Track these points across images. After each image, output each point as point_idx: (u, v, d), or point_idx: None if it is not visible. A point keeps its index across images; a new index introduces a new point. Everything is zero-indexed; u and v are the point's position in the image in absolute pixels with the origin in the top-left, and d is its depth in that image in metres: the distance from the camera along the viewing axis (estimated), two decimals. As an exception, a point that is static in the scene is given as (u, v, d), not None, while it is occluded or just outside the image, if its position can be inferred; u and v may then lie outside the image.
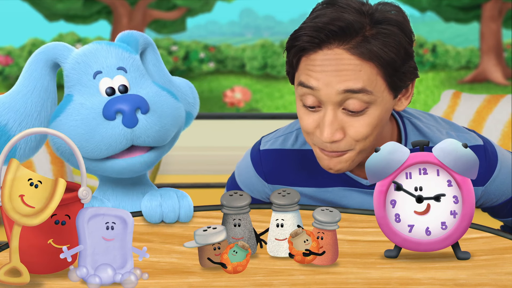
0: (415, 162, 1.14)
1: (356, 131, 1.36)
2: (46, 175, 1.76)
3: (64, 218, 1.07)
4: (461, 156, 1.13)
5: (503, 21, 9.76)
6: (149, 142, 1.30)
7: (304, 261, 1.13)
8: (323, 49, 1.33)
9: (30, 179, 1.04)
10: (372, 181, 1.15)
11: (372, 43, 1.32)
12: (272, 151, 1.56)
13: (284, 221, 1.17)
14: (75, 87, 1.33)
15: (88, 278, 1.04)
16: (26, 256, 1.05)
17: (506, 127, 2.58)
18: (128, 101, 1.27)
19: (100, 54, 1.33)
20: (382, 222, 1.15)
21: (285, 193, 1.18)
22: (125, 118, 1.26)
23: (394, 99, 1.39)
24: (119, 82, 1.31)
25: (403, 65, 1.34)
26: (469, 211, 1.14)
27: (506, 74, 9.70)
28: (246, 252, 1.11)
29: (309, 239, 1.13)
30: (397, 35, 1.33)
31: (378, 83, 1.34)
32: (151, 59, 1.42)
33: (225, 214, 1.20)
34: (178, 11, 9.67)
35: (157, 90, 1.34)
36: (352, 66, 1.32)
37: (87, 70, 1.32)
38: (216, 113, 5.18)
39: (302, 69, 1.37)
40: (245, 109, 8.85)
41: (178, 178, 3.29)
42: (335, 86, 1.32)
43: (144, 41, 1.40)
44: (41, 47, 1.34)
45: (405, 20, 1.36)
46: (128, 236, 1.08)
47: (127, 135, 1.27)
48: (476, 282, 1.07)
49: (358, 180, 1.48)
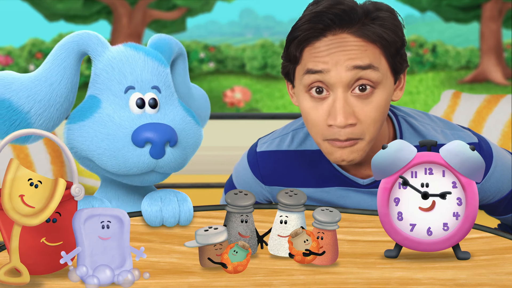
0: (421, 162, 1.14)
1: (366, 115, 1.37)
2: (46, 175, 1.76)
3: (55, 216, 1.07)
4: (468, 158, 1.13)
5: (503, 21, 9.76)
6: (169, 171, 1.31)
7: (304, 261, 1.13)
8: (327, 35, 1.35)
9: (30, 179, 1.04)
10: (378, 178, 1.15)
11: (375, 26, 1.35)
12: (268, 152, 1.56)
13: (288, 218, 1.17)
14: (104, 92, 1.30)
15: (87, 279, 1.04)
16: (23, 257, 1.05)
17: (506, 127, 2.58)
18: (159, 132, 1.25)
19: (136, 65, 1.30)
20: (385, 219, 1.15)
21: (292, 193, 1.18)
22: (154, 150, 1.25)
23: (394, 84, 1.42)
24: (150, 97, 1.29)
25: (402, 47, 1.39)
26: (472, 213, 1.14)
27: (506, 74, 9.70)
28: (247, 252, 1.11)
29: (309, 239, 1.13)
30: (393, 18, 1.38)
31: (382, 62, 1.37)
32: (179, 70, 1.41)
33: (230, 212, 1.20)
34: (178, 11, 9.67)
35: (183, 115, 1.33)
36: (357, 46, 1.35)
37: (121, 80, 1.29)
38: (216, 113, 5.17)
39: (306, 58, 1.37)
40: (245, 109, 8.86)
41: (178, 178, 3.28)
42: (344, 63, 1.34)
43: (178, 51, 1.39)
44: (74, 35, 1.29)
45: (394, 11, 1.41)
46: (125, 235, 1.07)
47: (151, 164, 1.27)
48: (476, 282, 1.07)
49: (355, 180, 1.48)
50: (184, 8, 9.49)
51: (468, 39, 10.51)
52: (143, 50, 1.32)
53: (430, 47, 10.46)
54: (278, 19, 11.92)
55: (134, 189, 1.38)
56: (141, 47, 1.33)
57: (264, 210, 1.37)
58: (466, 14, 10.00)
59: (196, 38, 10.16)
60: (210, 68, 9.87)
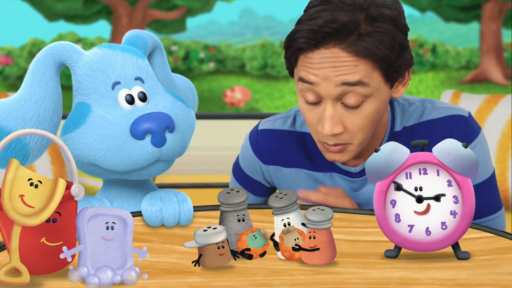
0: (415, 162, 1.14)
1: (354, 124, 1.40)
2: (46, 175, 1.76)
3: (55, 216, 1.07)
4: (461, 156, 1.13)
5: (503, 21, 9.76)
6: (173, 157, 1.32)
7: (292, 258, 1.13)
8: (320, 48, 1.37)
9: (30, 179, 1.04)
10: (372, 181, 1.15)
11: (367, 41, 1.35)
12: (269, 131, 1.60)
13: (290, 219, 1.17)
14: (91, 96, 1.29)
15: (87, 278, 1.04)
16: (23, 257, 1.05)
17: (506, 127, 2.58)
18: (157, 120, 1.26)
19: (116, 63, 1.30)
20: (382, 222, 1.15)
21: (282, 195, 1.18)
22: (155, 139, 1.26)
23: (390, 89, 1.43)
24: (138, 90, 1.30)
25: (398, 59, 1.38)
26: (469, 211, 1.14)
27: (506, 74, 9.70)
28: (265, 242, 1.12)
29: (300, 238, 1.13)
30: (391, 32, 1.36)
31: (374, 76, 1.37)
32: (158, 62, 1.42)
33: (225, 212, 1.19)
34: (178, 11, 9.67)
35: (173, 101, 1.33)
36: (348, 62, 1.36)
37: (105, 79, 1.29)
38: (216, 113, 5.18)
39: (300, 65, 1.41)
40: (245, 109, 8.85)
41: (178, 178, 3.28)
42: (333, 79, 1.36)
43: (153, 43, 1.39)
44: (47, 48, 1.29)
45: (399, 14, 1.39)
46: (128, 236, 1.08)
47: (156, 154, 1.28)
48: (476, 282, 1.07)
49: (347, 169, 1.54)
50: (184, 8, 9.49)
51: (468, 39, 10.52)
52: (119, 47, 1.33)
53: (430, 47, 10.46)
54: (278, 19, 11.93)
55: (137, 188, 1.38)
56: (116, 45, 1.33)
57: (264, 210, 1.36)
58: (466, 14, 9.99)
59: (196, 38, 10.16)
60: (210, 68, 9.87)
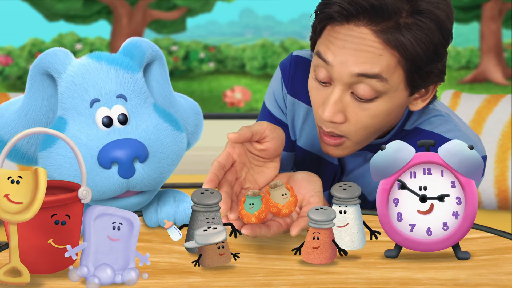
0: (420, 162, 1.14)
1: (357, 119, 1.32)
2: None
3: (64, 218, 1.07)
4: (466, 157, 1.13)
5: (503, 21, 9.76)
6: (145, 189, 1.24)
7: (280, 213, 1.14)
8: (350, 23, 1.27)
9: (10, 177, 1.02)
10: (376, 179, 1.15)
11: (403, 32, 1.24)
12: (303, 59, 1.52)
13: (347, 211, 1.16)
14: (69, 112, 1.24)
15: (88, 278, 1.04)
16: (26, 256, 1.05)
17: (506, 127, 2.58)
18: (125, 149, 1.19)
19: (99, 78, 1.23)
20: (384, 220, 1.15)
21: (346, 186, 1.16)
22: (121, 169, 1.19)
23: (409, 96, 1.33)
24: (118, 112, 1.23)
25: (428, 64, 1.28)
26: (471, 212, 1.14)
27: (506, 74, 9.70)
28: (261, 197, 1.12)
29: (288, 194, 1.14)
30: (432, 32, 1.26)
31: (396, 74, 1.28)
32: (156, 74, 1.32)
33: (196, 211, 1.15)
34: (178, 11, 9.67)
35: (157, 122, 1.25)
36: (373, 49, 1.26)
37: (84, 96, 1.23)
38: (216, 113, 5.17)
39: (323, 38, 1.31)
40: (245, 109, 8.84)
41: (178, 178, 3.28)
42: (350, 67, 1.27)
43: (151, 54, 1.30)
44: (37, 59, 1.25)
45: (447, 18, 1.28)
46: (133, 239, 1.07)
47: (122, 185, 1.21)
48: (476, 282, 1.07)
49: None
50: (184, 8, 9.48)
51: (468, 39, 10.51)
52: (106, 59, 1.26)
53: (430, 47, 10.43)
54: (278, 19, 11.91)
55: None
56: (104, 56, 1.26)
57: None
58: (466, 14, 9.99)
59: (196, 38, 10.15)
60: (210, 68, 9.85)
